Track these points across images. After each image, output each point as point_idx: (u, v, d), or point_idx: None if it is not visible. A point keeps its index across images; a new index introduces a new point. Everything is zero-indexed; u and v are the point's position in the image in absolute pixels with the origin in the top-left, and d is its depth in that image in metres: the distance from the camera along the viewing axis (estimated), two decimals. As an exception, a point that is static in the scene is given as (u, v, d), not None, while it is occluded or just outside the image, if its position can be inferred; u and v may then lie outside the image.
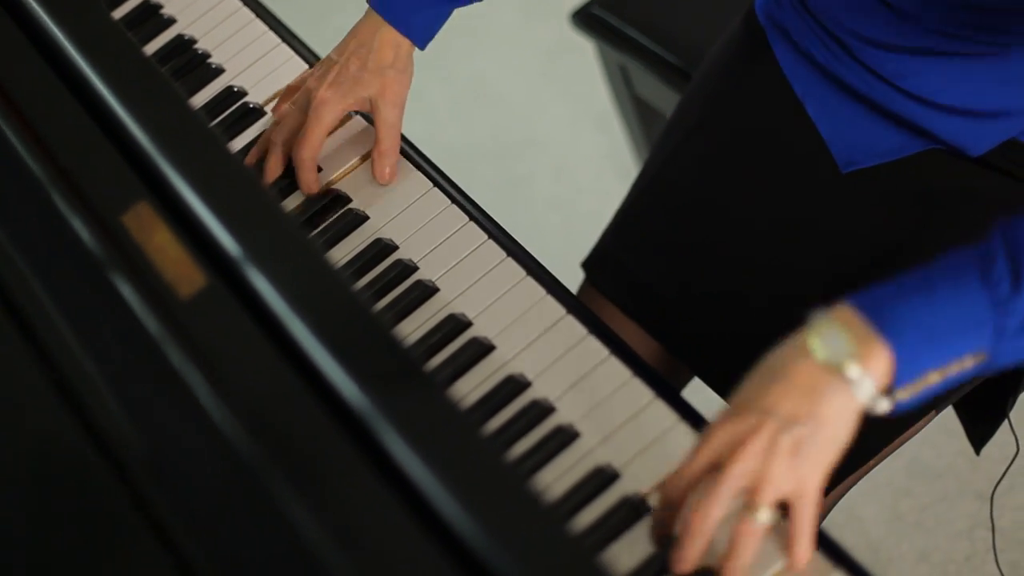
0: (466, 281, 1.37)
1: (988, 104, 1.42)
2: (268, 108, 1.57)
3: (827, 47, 1.50)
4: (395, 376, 1.06)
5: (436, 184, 1.46)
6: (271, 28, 1.66)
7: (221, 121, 1.58)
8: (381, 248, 1.41)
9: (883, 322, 1.07)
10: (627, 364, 1.27)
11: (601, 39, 2.01)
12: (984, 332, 1.08)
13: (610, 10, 2.00)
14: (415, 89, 2.91)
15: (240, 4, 1.69)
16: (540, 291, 1.34)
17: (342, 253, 1.42)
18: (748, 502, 1.08)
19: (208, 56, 1.65)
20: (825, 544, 1.16)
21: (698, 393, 1.70)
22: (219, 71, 1.63)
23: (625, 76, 2.08)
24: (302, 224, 1.45)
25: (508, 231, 1.42)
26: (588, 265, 1.65)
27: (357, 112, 1.53)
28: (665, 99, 2.00)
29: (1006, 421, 1.63)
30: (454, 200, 1.44)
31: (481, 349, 1.31)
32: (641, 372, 1.27)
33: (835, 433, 1.08)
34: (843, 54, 1.48)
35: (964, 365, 1.09)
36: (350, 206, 1.46)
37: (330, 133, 1.50)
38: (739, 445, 1.08)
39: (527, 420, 1.25)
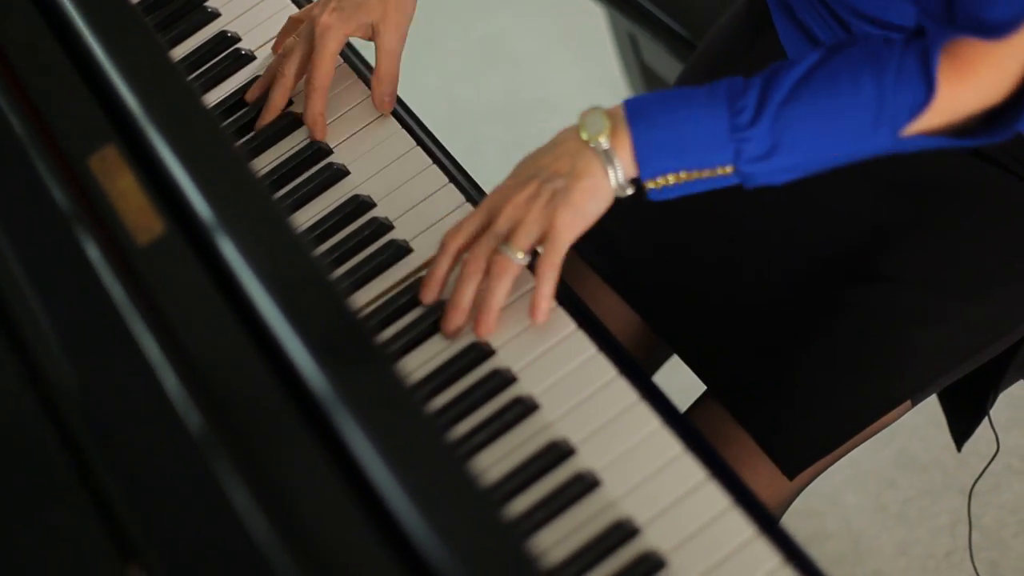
0: (437, 242, 1.35)
1: None
2: (259, 53, 1.55)
3: (827, 25, 1.47)
4: (347, 347, 1.05)
5: (419, 143, 1.44)
6: (271, -27, 1.64)
7: (212, 66, 1.56)
8: (358, 205, 1.39)
9: (636, 117, 1.24)
10: (593, 339, 1.25)
11: (611, 5, 1.99)
12: (725, 151, 1.23)
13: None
14: (430, 39, 2.92)
15: (239, -53, 1.67)
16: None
17: (319, 207, 1.41)
18: (507, 241, 1.25)
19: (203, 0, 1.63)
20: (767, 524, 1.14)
21: (675, 375, 1.69)
22: (215, 15, 1.62)
23: (634, 44, 2.06)
24: (282, 175, 1.44)
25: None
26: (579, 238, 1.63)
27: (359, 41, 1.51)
28: (672, 69, 1.98)
29: (987, 419, 1.61)
30: (436, 160, 1.42)
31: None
32: (607, 348, 1.25)
33: (590, 186, 1.25)
34: (842, 32, 1.46)
35: (715, 173, 1.25)
36: (331, 159, 1.44)
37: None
38: (508, 200, 1.25)
39: (487, 389, 1.23)
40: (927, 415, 2.18)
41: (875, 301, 1.44)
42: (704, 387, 1.53)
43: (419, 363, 1.27)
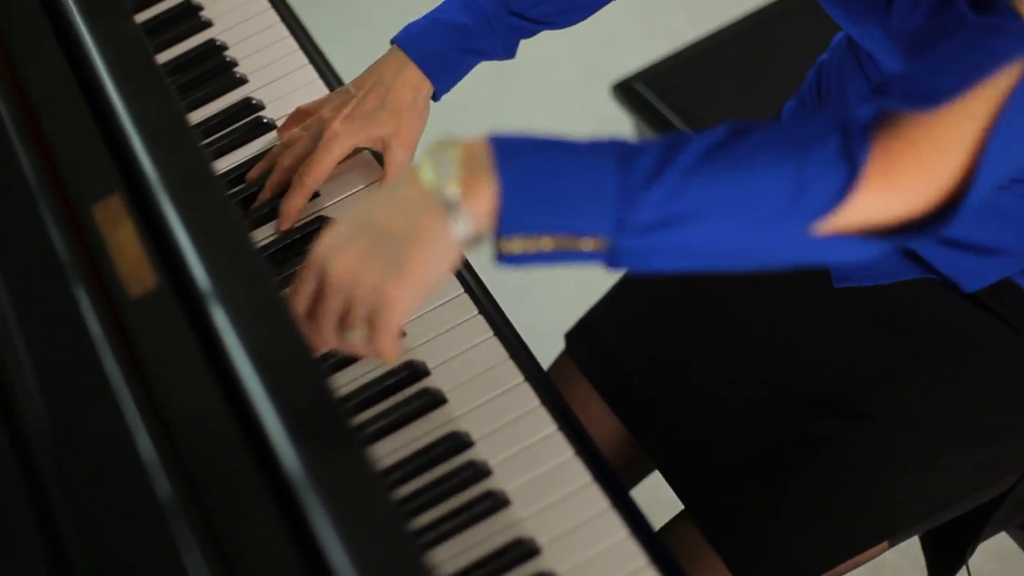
0: (433, 330, 1.35)
1: (986, 240, 1.41)
2: (280, 124, 1.57)
3: None
4: (323, 428, 1.04)
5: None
6: (301, 47, 1.66)
7: (234, 130, 1.58)
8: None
9: (504, 159, 1.02)
10: (571, 443, 1.25)
11: (638, 115, 2.01)
12: (605, 215, 1.01)
13: (651, 87, 1.99)
14: (459, 130, 2.93)
15: (276, 19, 1.70)
16: (503, 353, 1.33)
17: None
18: (344, 323, 1.07)
19: (235, 64, 1.66)
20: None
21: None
22: (242, 81, 1.63)
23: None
24: (283, 247, 1.45)
25: (493, 294, 1.41)
26: (571, 335, 1.64)
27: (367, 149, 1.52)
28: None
29: (966, 569, 1.60)
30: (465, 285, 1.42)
31: (432, 401, 1.29)
32: (585, 453, 1.25)
33: (428, 253, 1.03)
34: None
35: (581, 245, 1.03)
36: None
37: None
38: (335, 261, 1.05)
39: (460, 480, 1.24)
40: (909, 555, 2.16)
41: (861, 440, 1.44)
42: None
43: (395, 447, 1.27)
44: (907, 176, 1.03)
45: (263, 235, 1.46)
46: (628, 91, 2.02)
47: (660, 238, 1.03)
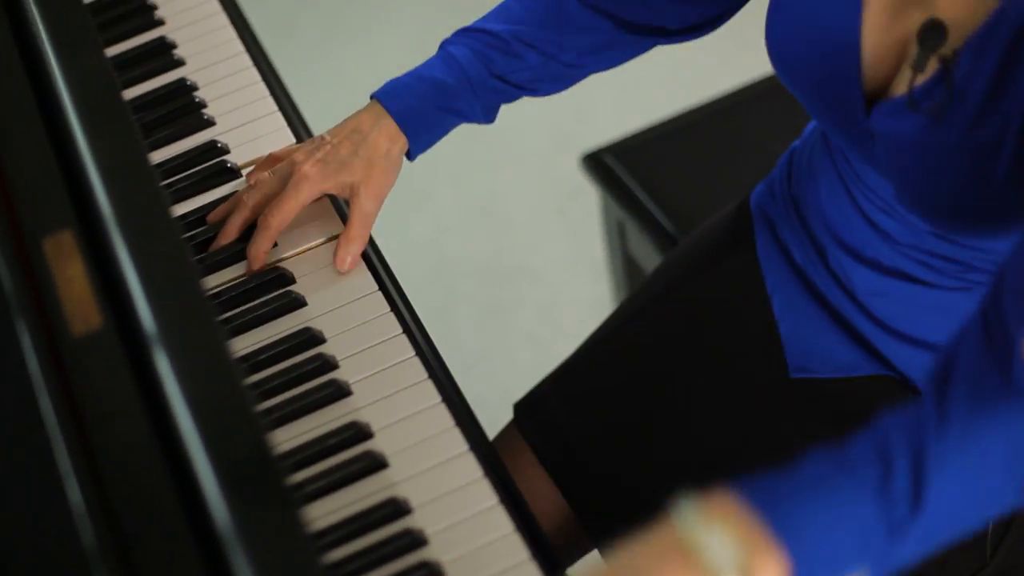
0: (381, 392, 1.33)
1: (945, 339, 1.40)
2: (245, 171, 1.55)
3: (805, 249, 1.48)
4: (258, 485, 1.02)
5: (382, 288, 1.43)
6: (272, 93, 1.64)
7: (195, 172, 1.56)
8: (308, 338, 1.38)
9: (778, 524, 0.95)
10: (512, 518, 1.23)
11: (605, 188, 2.00)
12: (872, 557, 0.98)
13: (620, 160, 1.99)
14: (429, 190, 2.93)
15: (249, 63, 1.68)
16: (450, 421, 1.30)
17: (268, 333, 1.39)
18: None
19: (204, 105, 1.64)
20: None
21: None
22: (210, 123, 1.62)
23: (621, 232, 2.06)
24: (241, 293, 1.42)
25: (446, 358, 1.38)
26: (520, 406, 1.61)
27: (333, 197, 1.50)
28: (654, 264, 1.98)
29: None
30: (394, 308, 1.41)
31: (373, 464, 1.27)
32: (524, 528, 1.22)
33: None
34: (818, 259, 1.46)
35: None
36: (291, 287, 1.43)
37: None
38: None
39: (396, 547, 1.21)
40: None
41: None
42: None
43: (332, 509, 1.24)
44: None
45: (218, 280, 1.44)
46: (597, 163, 2.01)
47: (916, 549, 1.00)
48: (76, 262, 1.12)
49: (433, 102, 1.46)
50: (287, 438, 1.30)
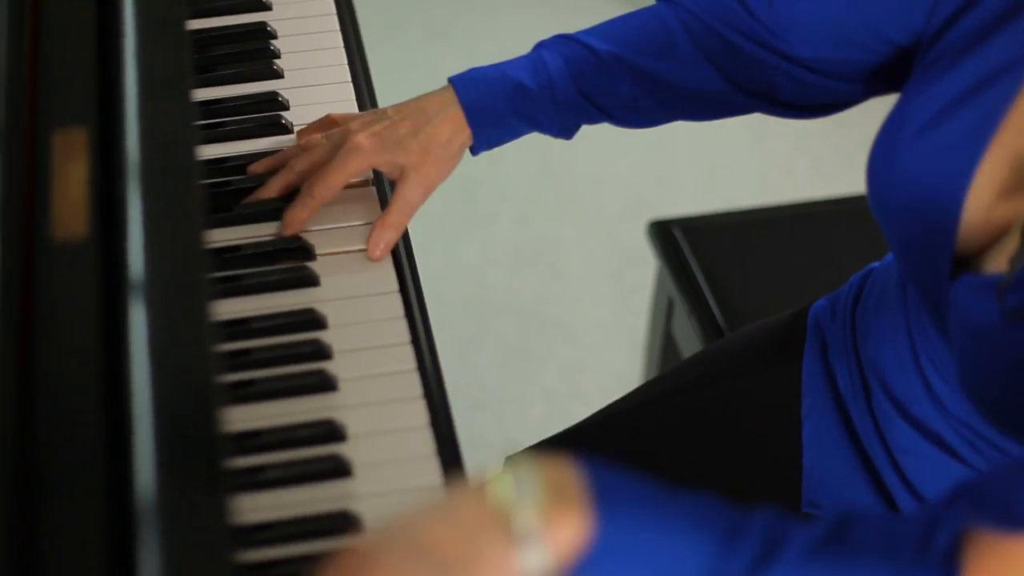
0: (368, 397, 1.22)
1: None
2: (296, 131, 1.45)
3: (852, 381, 1.36)
4: (196, 460, 0.92)
5: (402, 291, 1.32)
6: (350, 62, 1.55)
7: (248, 118, 1.47)
8: (310, 319, 1.27)
9: (604, 500, 0.87)
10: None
11: (664, 259, 1.89)
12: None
13: (687, 236, 1.88)
14: (487, 216, 2.83)
15: (336, 27, 1.59)
16: (431, 447, 1.19)
17: (273, 303, 1.29)
18: None
19: (277, 55, 1.55)
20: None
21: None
22: (277, 74, 1.53)
23: (669, 308, 1.95)
24: (257, 254, 1.33)
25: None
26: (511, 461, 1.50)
27: (385, 178, 1.40)
28: (693, 350, 1.87)
29: None
30: (408, 314, 1.30)
31: (337, 469, 1.16)
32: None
33: None
34: (862, 397, 1.35)
35: None
36: (309, 263, 1.32)
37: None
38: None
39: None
40: None
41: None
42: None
43: (279, 504, 1.13)
44: None
45: (238, 235, 1.34)
46: (663, 232, 1.91)
47: None
48: (81, 164, 1.02)
49: (509, 104, 1.36)
50: (256, 416, 1.20)
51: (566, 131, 1.40)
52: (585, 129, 1.45)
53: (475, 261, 2.82)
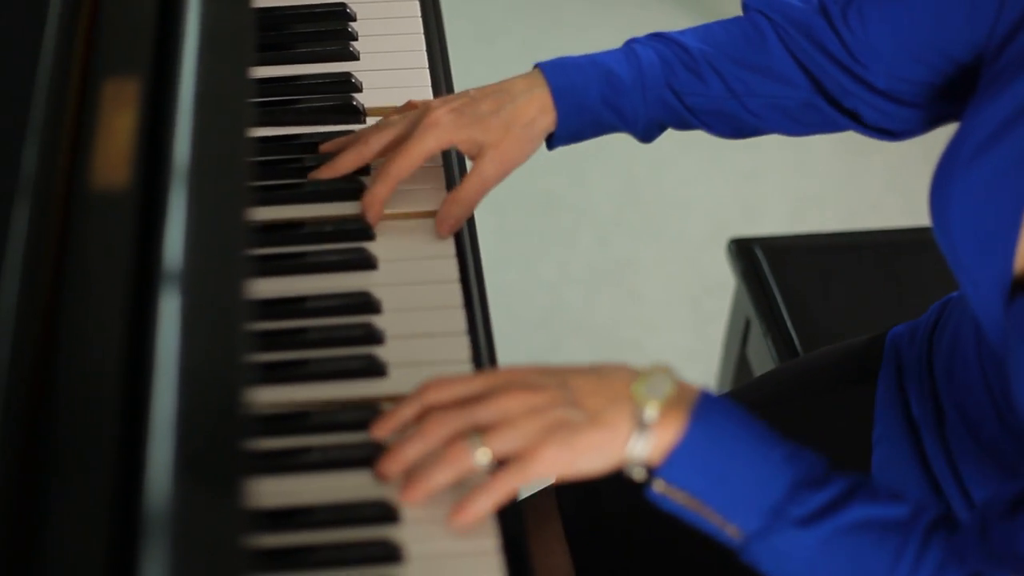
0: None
1: None
2: (370, 117, 1.41)
3: (926, 406, 1.30)
4: (216, 430, 0.87)
5: (463, 280, 1.27)
6: (429, 50, 1.51)
7: (319, 98, 1.43)
8: (364, 302, 1.23)
9: (703, 417, 1.05)
10: None
11: (743, 278, 1.83)
12: (753, 520, 1.04)
13: (768, 255, 1.82)
14: (568, 234, 2.77)
15: (418, 11, 1.55)
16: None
17: (326, 284, 1.24)
18: (482, 433, 1.05)
19: (355, 37, 1.51)
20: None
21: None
22: (353, 56, 1.49)
23: (745, 331, 1.89)
24: (315, 233, 1.28)
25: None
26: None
27: (463, 155, 1.35)
28: (765, 369, 1.81)
29: None
30: (468, 304, 1.25)
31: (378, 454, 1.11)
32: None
33: (601, 442, 1.05)
34: (934, 422, 1.28)
35: (721, 525, 1.05)
36: (367, 245, 1.28)
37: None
38: (512, 391, 1.06)
39: (363, 554, 1.05)
40: None
41: None
42: None
43: (316, 488, 1.08)
44: None
45: (301, 213, 1.31)
46: (744, 250, 1.85)
47: (786, 565, 1.05)
48: (130, 114, 0.98)
49: (598, 90, 1.31)
50: (299, 396, 1.15)
51: (650, 131, 1.35)
52: (672, 153, 1.41)
53: (552, 278, 2.76)
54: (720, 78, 1.32)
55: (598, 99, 1.31)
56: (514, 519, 1.09)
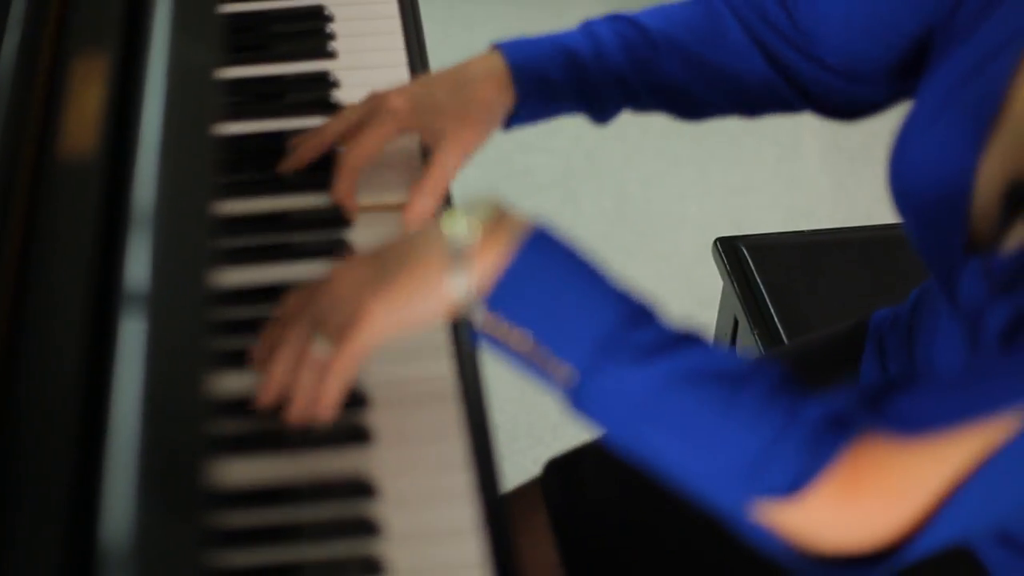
0: (394, 370, 1.16)
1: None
2: (346, 111, 1.42)
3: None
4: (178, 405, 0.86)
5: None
6: (408, 48, 1.51)
7: (297, 95, 1.44)
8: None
9: (533, 245, 1.00)
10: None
11: (729, 276, 1.83)
12: (581, 354, 0.97)
13: (753, 253, 1.82)
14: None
15: (396, 12, 1.55)
16: (462, 423, 1.13)
17: (304, 271, 1.24)
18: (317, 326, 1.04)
19: (332, 37, 1.52)
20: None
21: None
22: (331, 54, 1.50)
23: (733, 330, 1.89)
24: (293, 221, 1.28)
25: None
26: (551, 466, 1.43)
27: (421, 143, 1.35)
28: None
29: None
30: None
31: (355, 434, 1.11)
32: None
33: (415, 281, 1.01)
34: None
35: (550, 367, 0.98)
36: (344, 234, 1.28)
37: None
38: (333, 272, 1.05)
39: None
40: None
41: None
42: None
43: (292, 467, 1.08)
44: (862, 498, 0.94)
45: (278, 204, 1.30)
46: (730, 248, 1.85)
47: (620, 411, 0.98)
48: (98, 89, 0.98)
49: (557, 68, 1.30)
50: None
51: (606, 111, 1.34)
52: (662, 169, 1.41)
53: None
54: (678, 56, 1.31)
55: (557, 77, 1.30)
56: (498, 511, 1.07)
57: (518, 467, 2.31)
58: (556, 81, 1.30)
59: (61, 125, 0.95)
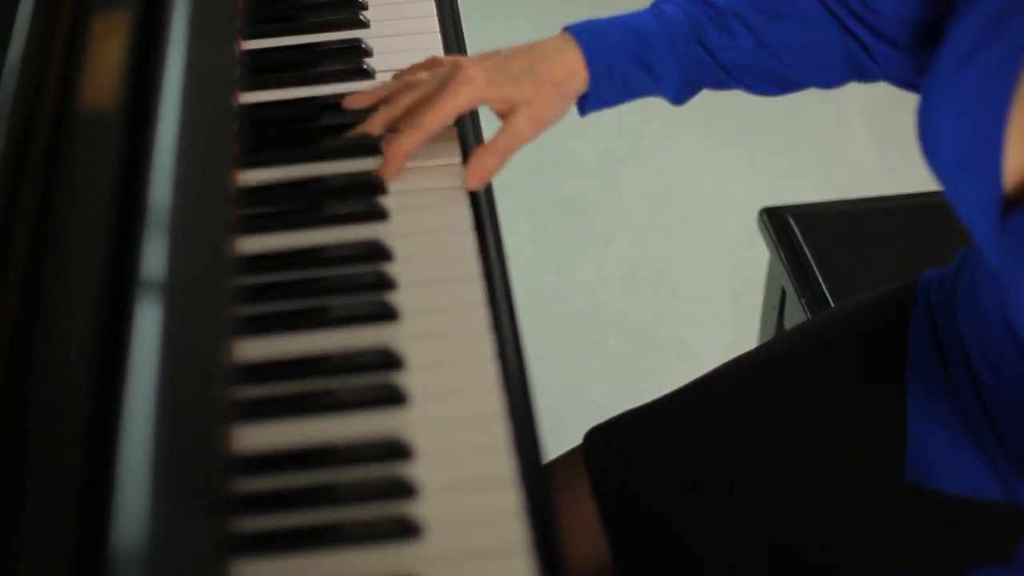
0: (432, 338, 1.14)
1: None
2: (379, 77, 1.39)
3: (953, 344, 1.27)
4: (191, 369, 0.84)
5: (479, 228, 1.24)
6: (440, 15, 1.49)
7: (331, 63, 1.42)
8: (375, 250, 1.20)
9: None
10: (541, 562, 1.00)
11: (776, 246, 1.80)
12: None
13: (799, 223, 1.79)
14: (606, 234, 2.75)
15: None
16: (494, 380, 1.11)
17: (337, 236, 1.22)
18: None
19: (364, 7, 1.50)
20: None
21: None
22: (363, 24, 1.47)
23: (781, 302, 1.86)
24: (327, 189, 1.26)
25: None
26: (592, 432, 1.41)
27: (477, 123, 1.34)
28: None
29: None
30: (484, 252, 1.22)
31: (392, 396, 1.08)
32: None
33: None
34: (961, 359, 1.25)
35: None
36: (380, 198, 1.25)
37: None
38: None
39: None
40: None
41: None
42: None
43: (327, 430, 1.05)
44: None
45: (324, 170, 1.29)
46: (776, 218, 1.82)
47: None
48: (118, 42, 0.96)
49: (629, 49, 1.29)
50: (311, 342, 1.13)
51: (683, 92, 1.33)
52: (706, 153, 1.38)
53: (590, 279, 2.74)
54: (749, 31, 1.29)
55: (629, 59, 1.29)
56: (537, 466, 1.05)
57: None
58: (628, 65, 1.29)
59: (81, 80, 0.93)
